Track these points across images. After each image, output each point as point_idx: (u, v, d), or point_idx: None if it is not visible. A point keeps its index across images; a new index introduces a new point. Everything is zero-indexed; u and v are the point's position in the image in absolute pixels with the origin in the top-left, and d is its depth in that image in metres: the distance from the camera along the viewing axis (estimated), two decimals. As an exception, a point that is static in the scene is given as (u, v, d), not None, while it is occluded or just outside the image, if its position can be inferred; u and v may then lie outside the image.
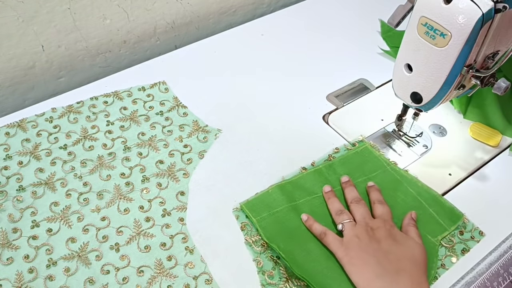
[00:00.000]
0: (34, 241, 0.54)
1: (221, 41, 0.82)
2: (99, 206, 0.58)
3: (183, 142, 0.65)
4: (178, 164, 0.63)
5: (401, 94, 0.58)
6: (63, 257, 0.53)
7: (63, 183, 0.60)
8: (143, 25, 0.80)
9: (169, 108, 0.69)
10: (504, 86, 0.51)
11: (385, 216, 0.54)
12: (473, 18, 0.46)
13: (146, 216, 0.57)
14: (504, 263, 0.54)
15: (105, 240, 0.55)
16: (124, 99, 0.70)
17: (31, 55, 0.72)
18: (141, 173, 0.61)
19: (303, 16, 0.88)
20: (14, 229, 0.55)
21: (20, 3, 0.66)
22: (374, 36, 0.84)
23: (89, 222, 0.56)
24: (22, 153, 0.62)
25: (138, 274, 0.52)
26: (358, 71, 0.77)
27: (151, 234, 0.55)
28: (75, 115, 0.67)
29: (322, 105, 0.72)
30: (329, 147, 0.65)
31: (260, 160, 0.63)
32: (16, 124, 0.65)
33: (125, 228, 0.56)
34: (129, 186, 0.60)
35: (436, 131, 0.68)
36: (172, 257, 0.53)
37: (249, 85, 0.74)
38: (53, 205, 0.57)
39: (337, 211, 0.55)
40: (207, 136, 0.66)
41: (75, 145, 0.64)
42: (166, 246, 0.54)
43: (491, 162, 0.65)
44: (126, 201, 0.58)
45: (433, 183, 0.61)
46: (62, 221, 0.56)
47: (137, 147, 0.64)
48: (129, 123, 0.67)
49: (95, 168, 0.61)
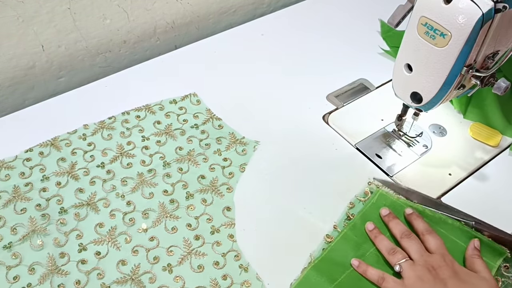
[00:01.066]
0: (84, 265, 0.52)
1: (221, 41, 0.82)
2: (146, 228, 0.56)
3: (222, 155, 0.64)
4: (221, 178, 0.61)
5: (401, 94, 0.58)
6: (115, 281, 0.51)
7: (105, 203, 0.58)
8: (143, 25, 0.80)
9: (203, 120, 0.68)
10: (504, 86, 0.51)
11: (441, 249, 0.50)
12: (473, 18, 0.46)
13: (195, 234, 0.55)
14: (504, 263, 0.54)
15: (156, 261, 0.53)
16: (156, 112, 0.69)
17: (31, 55, 0.72)
18: (184, 189, 0.60)
19: (303, 16, 0.88)
20: (62, 254, 0.53)
21: (20, 3, 0.66)
22: (374, 36, 0.84)
23: (137, 243, 0.55)
24: (59, 173, 0.60)
25: None
26: (358, 71, 0.77)
27: (203, 253, 0.54)
28: (109, 131, 0.66)
29: (322, 105, 0.72)
30: (329, 147, 0.65)
31: (260, 160, 0.63)
32: (49, 143, 0.63)
33: (175, 247, 0.54)
34: (173, 204, 0.58)
35: (436, 131, 0.68)
36: (227, 276, 0.52)
37: (249, 85, 0.74)
38: (98, 227, 0.56)
39: (389, 250, 0.51)
40: (245, 148, 0.65)
41: (112, 163, 0.62)
42: (220, 265, 0.53)
43: (491, 162, 0.65)
44: (172, 219, 0.57)
45: (433, 183, 0.61)
46: (109, 243, 0.54)
47: (176, 162, 0.63)
48: (165, 137, 0.65)
49: (136, 186, 0.60)
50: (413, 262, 0.49)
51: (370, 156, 0.65)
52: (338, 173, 0.62)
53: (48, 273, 0.51)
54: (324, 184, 0.61)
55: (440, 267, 0.48)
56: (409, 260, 0.49)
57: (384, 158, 0.65)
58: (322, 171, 0.63)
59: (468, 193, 0.61)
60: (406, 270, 0.49)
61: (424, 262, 0.48)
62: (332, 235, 0.55)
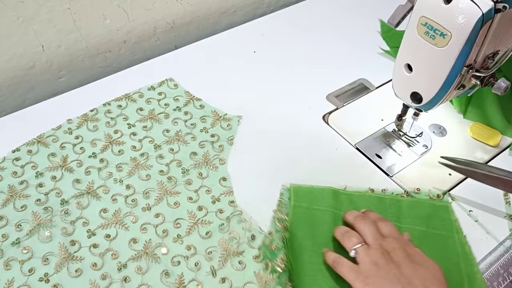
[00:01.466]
0: (96, 249, 0.54)
1: (221, 41, 0.82)
2: (149, 205, 0.58)
3: (209, 132, 0.67)
4: (212, 152, 0.64)
5: (401, 94, 0.58)
6: (131, 258, 0.53)
7: (105, 189, 0.59)
8: (143, 25, 0.80)
9: (184, 102, 0.70)
10: (504, 86, 0.51)
11: (394, 233, 0.50)
12: (473, 18, 0.46)
13: (197, 206, 0.58)
14: (504, 263, 0.54)
15: (166, 234, 0.55)
16: (137, 100, 0.70)
17: (31, 55, 0.72)
18: (178, 167, 0.62)
19: (303, 16, 0.88)
20: (72, 242, 0.54)
21: (20, 3, 0.66)
22: (374, 36, 0.84)
23: (144, 221, 0.56)
24: (52, 168, 0.61)
25: (207, 257, 0.53)
26: (358, 71, 0.77)
27: (208, 221, 0.57)
28: (93, 122, 0.66)
29: (322, 105, 0.72)
30: (329, 147, 0.65)
31: (261, 161, 0.63)
32: (36, 140, 0.63)
33: (181, 220, 0.57)
34: (172, 181, 0.61)
35: (436, 131, 0.68)
36: (234, 237, 0.55)
37: (249, 85, 0.74)
38: (102, 212, 0.57)
39: (343, 233, 0.51)
40: (230, 123, 0.68)
41: (103, 152, 0.63)
42: (225, 227, 0.56)
43: (491, 162, 0.65)
44: (173, 195, 0.59)
45: (433, 183, 0.61)
46: (117, 225, 0.56)
47: (166, 144, 0.65)
48: (151, 122, 0.67)
49: (132, 170, 0.61)
50: (368, 247, 0.49)
51: (370, 156, 0.65)
52: (338, 173, 0.62)
53: (62, 261, 0.52)
54: (324, 184, 0.61)
55: (394, 250, 0.48)
56: (365, 244, 0.49)
57: (384, 158, 0.65)
58: (322, 171, 0.63)
59: (468, 193, 0.61)
60: (361, 255, 0.48)
61: (379, 246, 0.48)
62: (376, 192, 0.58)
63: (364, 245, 0.49)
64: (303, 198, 0.57)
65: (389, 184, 0.61)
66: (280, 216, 0.56)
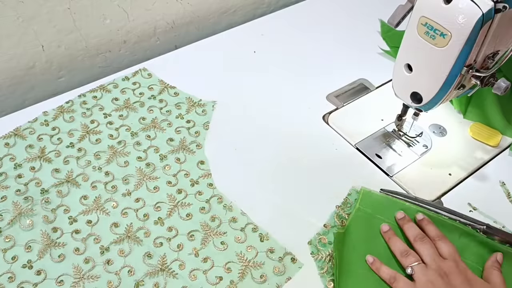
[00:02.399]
0: (78, 234, 0.55)
1: (221, 41, 0.82)
2: (129, 190, 0.59)
3: (184, 118, 0.68)
4: (188, 138, 0.66)
5: (401, 94, 0.58)
6: (113, 241, 0.54)
7: (84, 177, 0.60)
8: (143, 25, 0.80)
9: (159, 91, 0.72)
10: (504, 86, 0.51)
11: (454, 255, 0.49)
12: (473, 18, 0.46)
13: (177, 189, 0.59)
14: (504, 263, 0.54)
15: (147, 218, 0.56)
16: (111, 91, 0.71)
17: (31, 55, 0.72)
18: (156, 153, 0.64)
19: (303, 16, 0.88)
20: (54, 229, 0.55)
21: (20, 3, 0.65)
22: (374, 36, 0.84)
23: (125, 206, 0.58)
24: (30, 159, 0.61)
25: (189, 239, 0.55)
26: (358, 71, 0.77)
27: (188, 203, 0.58)
28: (69, 114, 0.67)
29: (322, 105, 0.72)
30: (329, 147, 0.65)
31: (261, 161, 0.63)
32: (12, 133, 0.64)
33: (161, 203, 0.58)
34: (150, 167, 0.62)
35: (436, 131, 0.68)
36: (215, 217, 0.57)
37: (249, 85, 0.74)
38: (82, 199, 0.58)
39: (402, 252, 0.51)
40: (205, 109, 0.69)
41: (81, 142, 0.64)
42: (206, 209, 0.58)
43: (491, 162, 0.65)
44: (152, 180, 0.60)
45: (433, 183, 0.61)
46: (98, 211, 0.57)
47: (143, 131, 0.66)
48: (127, 111, 0.68)
49: (110, 157, 0.62)
50: (426, 266, 0.49)
51: (370, 156, 0.65)
52: (338, 173, 0.62)
53: (45, 247, 0.53)
54: (324, 184, 0.61)
55: (452, 274, 0.47)
56: (422, 263, 0.49)
57: (384, 158, 0.65)
58: (322, 171, 0.63)
59: (468, 193, 0.61)
60: (418, 274, 0.48)
61: (437, 267, 0.48)
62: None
63: (421, 264, 0.49)
64: (369, 204, 0.57)
65: (389, 184, 0.61)
66: (341, 213, 0.57)
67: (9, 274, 0.51)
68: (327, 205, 0.58)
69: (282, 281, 0.51)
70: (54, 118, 0.66)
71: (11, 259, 0.52)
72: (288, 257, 0.53)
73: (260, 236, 0.55)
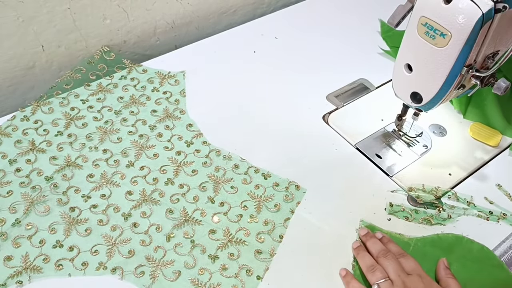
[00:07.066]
0: (96, 208, 0.57)
1: (221, 41, 0.82)
2: (131, 161, 0.62)
3: (160, 91, 0.71)
4: (170, 106, 0.69)
5: (401, 94, 0.58)
6: (132, 207, 0.57)
7: (83, 159, 0.62)
8: (143, 25, 0.80)
9: (127, 70, 0.74)
10: (504, 86, 0.51)
11: (417, 270, 0.50)
12: (473, 18, 0.46)
13: (175, 151, 0.63)
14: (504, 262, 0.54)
15: (156, 181, 0.60)
16: (80, 77, 0.73)
17: (31, 55, 0.72)
18: (144, 125, 0.67)
19: (303, 16, 0.88)
20: (71, 208, 0.57)
21: (20, 3, 0.65)
22: (374, 36, 0.84)
23: (132, 175, 0.60)
24: (23, 153, 0.62)
25: (201, 190, 0.59)
26: (358, 71, 0.77)
27: (190, 161, 0.62)
28: (47, 106, 0.68)
29: (322, 105, 0.72)
30: (329, 147, 0.65)
31: (261, 161, 0.63)
32: None
33: (166, 166, 0.62)
34: (143, 138, 0.65)
35: (436, 131, 0.68)
36: (219, 168, 0.62)
37: (249, 85, 0.74)
38: (89, 177, 0.60)
39: (368, 267, 0.51)
40: (177, 79, 0.73)
41: (68, 128, 0.66)
42: (208, 163, 0.62)
43: (491, 162, 0.65)
44: (149, 148, 0.64)
45: (433, 183, 0.61)
46: (108, 184, 0.59)
47: (125, 108, 0.69)
48: (103, 94, 0.70)
49: (102, 137, 0.65)
50: (391, 283, 0.49)
51: (370, 156, 0.65)
52: (338, 173, 0.62)
53: (69, 226, 0.55)
54: (324, 184, 0.61)
55: None
56: (388, 280, 0.49)
57: (384, 158, 0.65)
58: (322, 171, 0.63)
59: (468, 193, 0.61)
60: None
61: (402, 283, 0.48)
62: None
63: (388, 281, 0.49)
64: None
65: (389, 184, 0.61)
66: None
67: (43, 256, 0.52)
68: (328, 205, 0.58)
69: (293, 206, 0.58)
70: (32, 112, 0.67)
71: (38, 243, 0.53)
72: (293, 185, 0.60)
73: (263, 175, 0.61)
